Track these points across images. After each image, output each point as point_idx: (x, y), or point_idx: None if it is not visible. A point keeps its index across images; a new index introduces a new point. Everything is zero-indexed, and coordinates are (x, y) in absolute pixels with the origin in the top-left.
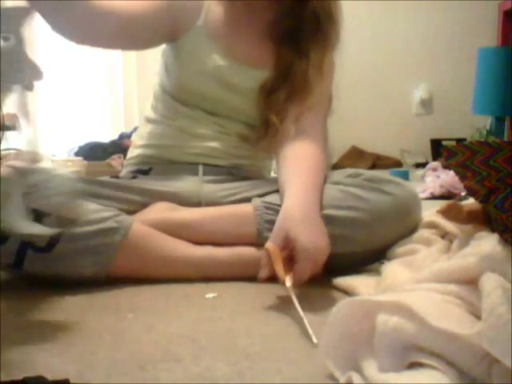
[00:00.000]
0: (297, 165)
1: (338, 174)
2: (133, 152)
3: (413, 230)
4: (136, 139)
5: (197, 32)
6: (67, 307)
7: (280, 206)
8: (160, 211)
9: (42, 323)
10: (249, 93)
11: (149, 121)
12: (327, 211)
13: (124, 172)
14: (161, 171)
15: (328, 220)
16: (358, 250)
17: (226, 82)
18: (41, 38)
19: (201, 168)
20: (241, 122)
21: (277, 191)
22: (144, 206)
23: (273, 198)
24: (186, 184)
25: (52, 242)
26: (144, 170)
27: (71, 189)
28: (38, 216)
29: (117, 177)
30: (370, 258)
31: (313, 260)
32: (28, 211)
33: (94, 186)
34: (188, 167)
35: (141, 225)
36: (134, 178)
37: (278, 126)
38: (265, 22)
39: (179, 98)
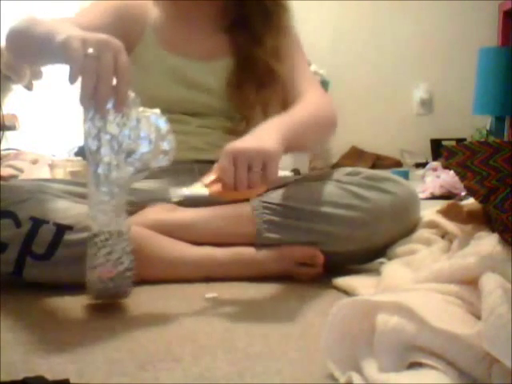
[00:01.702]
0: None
1: (337, 173)
2: None
3: (412, 228)
4: None
5: (147, 40)
6: (67, 307)
7: (278, 204)
8: (158, 212)
9: (42, 323)
10: (214, 87)
11: None
12: (326, 209)
13: None
14: (156, 173)
15: (327, 218)
16: (357, 248)
17: (188, 81)
18: None
19: (196, 167)
20: (220, 117)
21: (275, 189)
22: (142, 207)
23: (271, 197)
24: (182, 184)
25: (51, 248)
26: None
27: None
28: (37, 223)
29: None
30: (369, 257)
31: (234, 160)
32: (26, 219)
33: None
34: (183, 167)
35: (139, 227)
36: None
37: (260, 121)
38: (212, 13)
39: (149, 105)
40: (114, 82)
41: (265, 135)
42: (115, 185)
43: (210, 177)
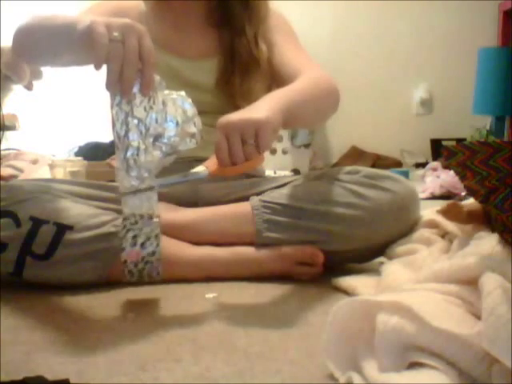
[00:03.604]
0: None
1: (336, 171)
2: None
3: (412, 226)
4: None
5: None
6: (67, 307)
7: (278, 204)
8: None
9: (42, 323)
10: (208, 85)
11: None
12: (326, 207)
13: None
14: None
15: (327, 217)
16: (357, 247)
17: (184, 80)
18: None
19: (195, 166)
20: (217, 115)
21: (274, 188)
22: None
23: (270, 196)
24: (182, 184)
25: (51, 248)
26: None
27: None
28: (37, 223)
29: (113, 181)
30: (369, 256)
31: (226, 132)
32: (26, 219)
33: (92, 189)
34: (182, 166)
35: None
36: None
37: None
38: (200, 12)
39: None
40: (139, 65)
41: (256, 107)
42: (144, 169)
43: (211, 159)
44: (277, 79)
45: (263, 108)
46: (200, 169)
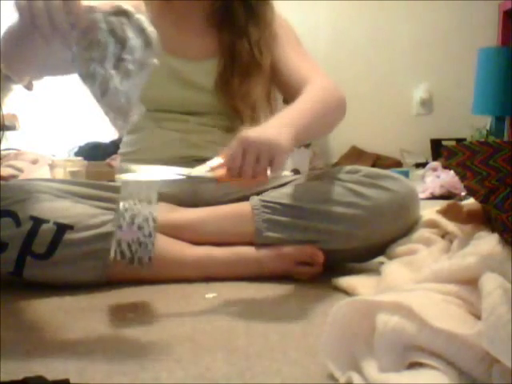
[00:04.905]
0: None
1: (336, 171)
2: (125, 159)
3: (412, 225)
4: (123, 147)
5: None
6: (67, 307)
7: (278, 203)
8: (158, 212)
9: (42, 323)
10: (208, 86)
11: (128, 132)
12: (326, 207)
13: None
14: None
15: (327, 216)
16: (357, 246)
17: (184, 81)
18: None
19: (196, 165)
20: (219, 116)
21: (274, 188)
22: None
23: (270, 196)
24: (182, 184)
25: (51, 248)
26: None
27: None
28: (37, 223)
29: (113, 181)
30: (369, 255)
31: (242, 148)
32: (26, 219)
33: (92, 189)
34: (183, 166)
35: None
36: None
37: (247, 112)
38: (202, 13)
39: (147, 106)
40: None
41: (279, 129)
42: (124, 96)
43: (218, 160)
44: (281, 85)
45: (285, 133)
46: (204, 168)
